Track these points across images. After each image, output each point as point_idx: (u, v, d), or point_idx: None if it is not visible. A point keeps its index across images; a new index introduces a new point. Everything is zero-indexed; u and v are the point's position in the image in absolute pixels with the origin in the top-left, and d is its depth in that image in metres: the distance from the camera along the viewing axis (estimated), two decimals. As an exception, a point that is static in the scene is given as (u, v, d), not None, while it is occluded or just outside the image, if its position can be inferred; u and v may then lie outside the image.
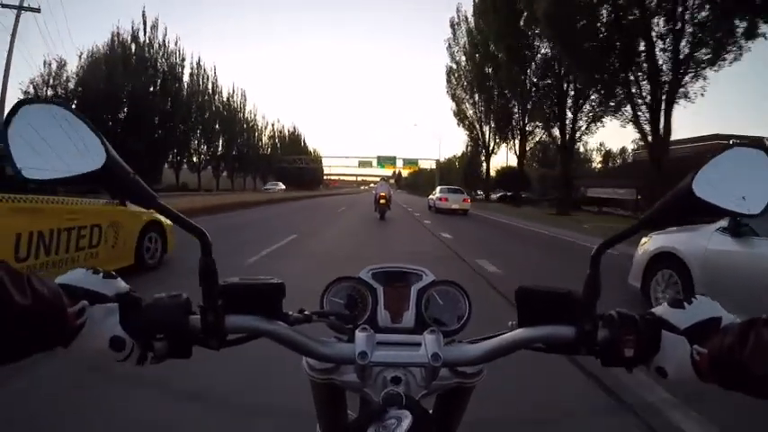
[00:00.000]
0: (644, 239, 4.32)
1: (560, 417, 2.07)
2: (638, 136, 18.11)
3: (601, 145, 75.52)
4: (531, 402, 2.13)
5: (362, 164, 62.93)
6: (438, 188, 20.26)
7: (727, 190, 0.45)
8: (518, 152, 33.82)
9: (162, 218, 4.97)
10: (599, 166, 71.94)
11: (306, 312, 0.54)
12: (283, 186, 39.51)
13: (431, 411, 0.61)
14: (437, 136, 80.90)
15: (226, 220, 11.57)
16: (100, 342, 0.43)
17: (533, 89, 26.94)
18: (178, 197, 15.24)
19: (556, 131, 24.89)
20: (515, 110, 33.01)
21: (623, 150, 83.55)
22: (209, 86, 34.29)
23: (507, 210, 24.10)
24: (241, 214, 13.94)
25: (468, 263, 6.10)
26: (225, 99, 37.39)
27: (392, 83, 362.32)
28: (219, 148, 36.62)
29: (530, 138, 32.88)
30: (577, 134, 23.95)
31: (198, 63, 33.25)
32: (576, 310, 0.50)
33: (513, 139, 34.46)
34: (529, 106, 29.55)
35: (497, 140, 38.87)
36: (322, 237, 8.76)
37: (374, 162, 62.74)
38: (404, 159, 63.46)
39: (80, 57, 22.27)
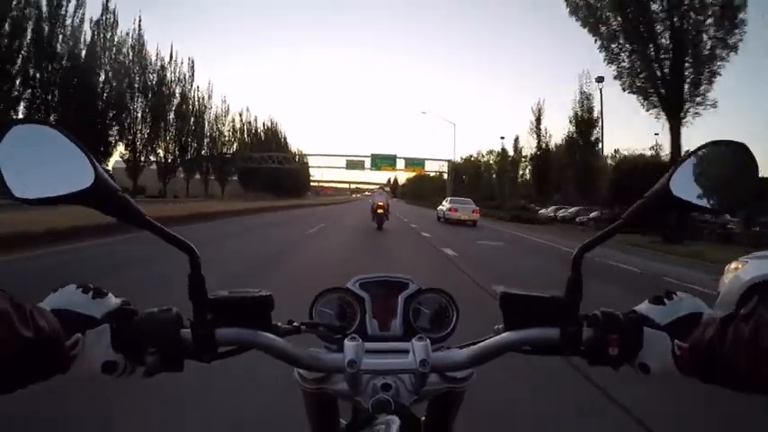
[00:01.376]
0: (734, 264, 3.84)
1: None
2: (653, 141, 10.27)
3: (615, 152, 64.07)
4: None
5: (352, 165, 53.29)
6: (448, 199, 21.90)
7: (704, 187, 0.48)
8: None
9: None
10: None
11: (295, 323, 0.60)
12: None
13: (423, 417, 0.68)
14: (450, 125, 67.91)
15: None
16: (93, 367, 0.48)
17: None
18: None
19: None
20: None
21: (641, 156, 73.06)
22: (120, 39, 21.70)
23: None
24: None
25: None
26: (155, 66, 24.63)
27: (390, 68, 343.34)
28: (140, 133, 23.75)
29: None
30: None
31: (105, 6, 20.73)
32: (560, 313, 0.55)
33: None
34: None
35: None
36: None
37: (367, 162, 52.57)
38: (405, 159, 53.45)
39: None
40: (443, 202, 21.68)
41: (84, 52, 21.83)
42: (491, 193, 45.31)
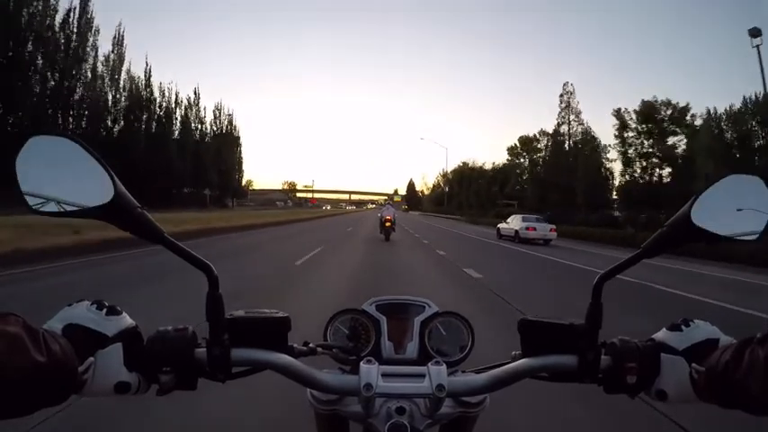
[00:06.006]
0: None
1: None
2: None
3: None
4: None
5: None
6: (520, 217, 20.21)
7: (724, 217, 0.49)
8: None
9: None
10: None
11: (310, 345, 0.61)
12: None
13: None
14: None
15: None
16: (105, 388, 0.47)
17: None
18: None
19: None
20: None
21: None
22: None
23: None
24: None
25: None
26: None
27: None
28: None
29: None
30: None
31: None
32: (578, 340, 0.56)
33: None
34: None
35: None
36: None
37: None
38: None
39: None
40: (509, 220, 20.68)
41: None
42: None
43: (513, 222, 19.84)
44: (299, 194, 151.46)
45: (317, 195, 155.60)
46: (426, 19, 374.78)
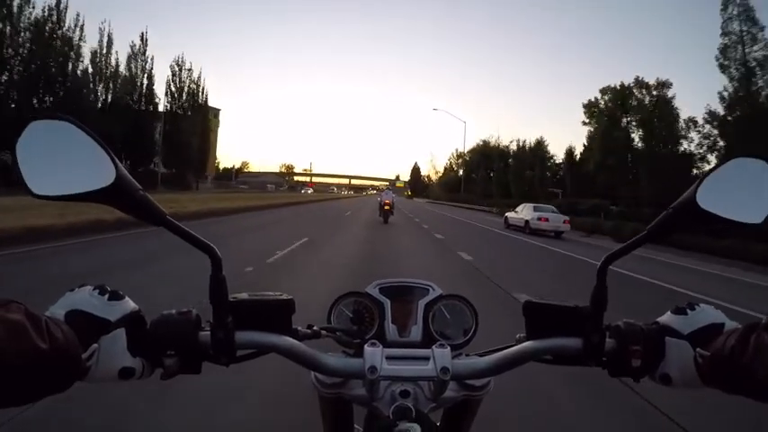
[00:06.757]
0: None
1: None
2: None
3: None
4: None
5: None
6: (531, 206, 19.03)
7: (729, 200, 0.49)
8: None
9: None
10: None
11: (314, 328, 0.61)
12: None
13: (438, 424, 0.69)
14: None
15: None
16: (110, 374, 0.48)
17: None
18: None
19: None
20: None
21: None
22: None
23: None
24: None
25: None
26: None
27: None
28: None
29: None
30: None
31: None
32: (582, 323, 0.56)
33: None
34: None
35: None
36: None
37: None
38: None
39: None
40: (518, 209, 19.64)
41: None
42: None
43: (524, 212, 18.77)
44: (297, 178, 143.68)
45: (315, 179, 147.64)
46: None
